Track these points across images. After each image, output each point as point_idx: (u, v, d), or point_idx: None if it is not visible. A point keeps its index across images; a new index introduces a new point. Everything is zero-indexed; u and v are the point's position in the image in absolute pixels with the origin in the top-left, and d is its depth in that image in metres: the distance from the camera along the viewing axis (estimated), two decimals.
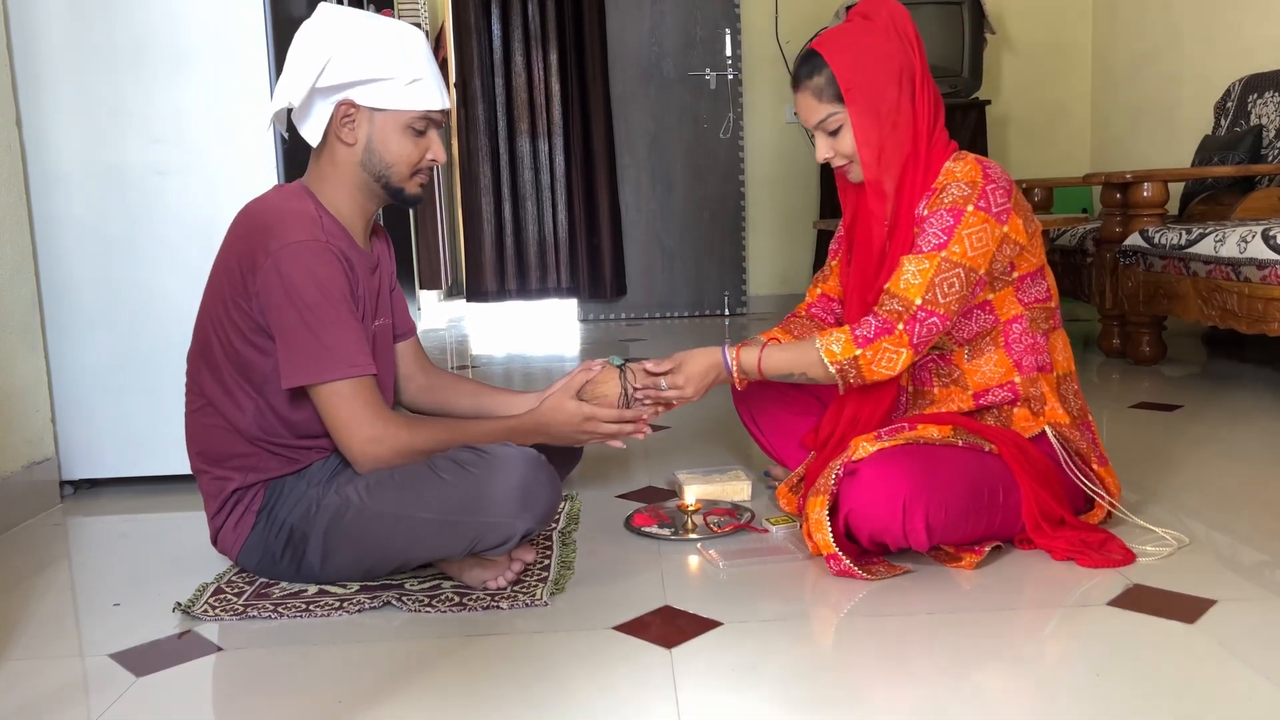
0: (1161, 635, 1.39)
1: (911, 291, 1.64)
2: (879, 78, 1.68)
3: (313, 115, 1.62)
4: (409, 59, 1.60)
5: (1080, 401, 1.81)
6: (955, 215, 1.65)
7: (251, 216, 1.61)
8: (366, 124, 1.61)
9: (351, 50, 1.58)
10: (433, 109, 1.62)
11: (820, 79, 1.70)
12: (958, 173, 1.70)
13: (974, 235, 1.64)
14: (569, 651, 1.43)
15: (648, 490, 2.18)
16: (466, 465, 1.55)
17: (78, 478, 2.34)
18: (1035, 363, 1.74)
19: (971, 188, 1.67)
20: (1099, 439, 1.81)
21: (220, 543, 1.68)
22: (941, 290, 1.63)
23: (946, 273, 1.63)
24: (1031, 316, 1.75)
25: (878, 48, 1.69)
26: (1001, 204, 1.67)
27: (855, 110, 1.69)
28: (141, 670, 1.41)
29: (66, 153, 2.24)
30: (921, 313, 1.63)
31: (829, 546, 1.61)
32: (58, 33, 2.21)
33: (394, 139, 1.62)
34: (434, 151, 1.66)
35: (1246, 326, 2.79)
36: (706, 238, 5.33)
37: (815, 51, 1.71)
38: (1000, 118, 5.23)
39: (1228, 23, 4.12)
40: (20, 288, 2.21)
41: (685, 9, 5.17)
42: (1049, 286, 1.78)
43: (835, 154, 1.75)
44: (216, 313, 1.61)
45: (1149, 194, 3.34)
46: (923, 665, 1.35)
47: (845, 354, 1.65)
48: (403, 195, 1.67)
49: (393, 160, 1.63)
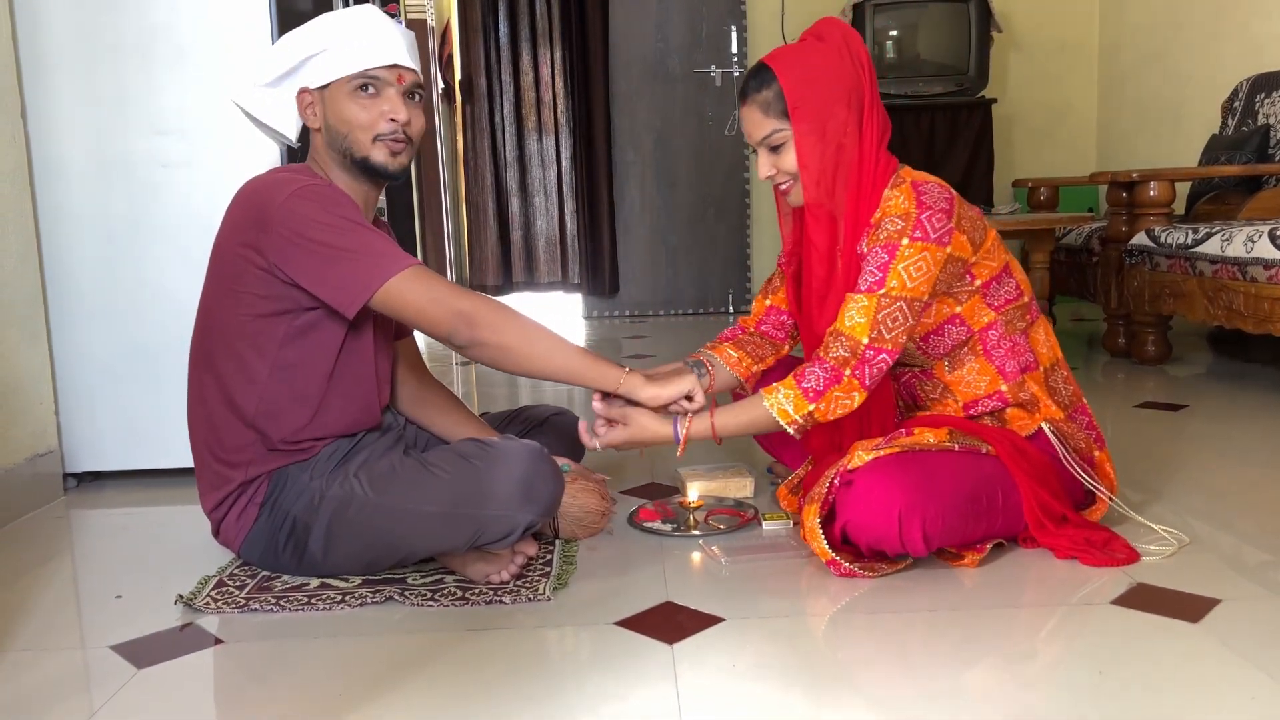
0: (1165, 634, 1.39)
1: (858, 330, 1.62)
2: (828, 97, 1.65)
3: (278, 112, 1.64)
4: (342, 27, 1.59)
5: (1072, 387, 1.80)
6: (890, 251, 1.63)
7: (253, 189, 1.60)
8: (320, 103, 1.62)
9: (288, 40, 1.61)
10: (370, 65, 1.58)
11: (768, 93, 1.67)
12: (892, 205, 1.67)
13: (911, 266, 1.62)
14: (571, 646, 1.43)
15: (651, 486, 2.18)
16: (469, 458, 1.55)
17: (81, 470, 2.34)
18: (1019, 365, 1.73)
19: (905, 220, 1.64)
20: (1095, 422, 1.81)
21: (222, 535, 1.68)
22: (886, 326, 1.62)
23: (888, 308, 1.62)
24: (1006, 319, 1.73)
25: (829, 67, 1.66)
26: (940, 227, 1.64)
27: (800, 128, 1.65)
28: (142, 662, 1.41)
29: (71, 145, 2.24)
30: (869, 351, 1.62)
31: (825, 554, 1.61)
32: (62, 25, 2.21)
33: (344, 107, 1.60)
34: (390, 110, 1.60)
35: (1252, 326, 2.78)
36: (710, 235, 5.33)
37: (765, 65, 1.68)
38: (1006, 116, 5.22)
39: (1235, 22, 4.11)
40: (25, 280, 2.21)
41: (691, 6, 5.16)
42: (1018, 283, 1.75)
43: (777, 171, 1.71)
44: (221, 293, 1.60)
45: (1155, 193, 3.34)
46: (924, 662, 1.35)
47: (799, 411, 1.61)
48: (369, 165, 1.62)
49: (347, 130, 1.60)
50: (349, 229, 1.52)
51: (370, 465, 1.61)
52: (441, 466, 1.56)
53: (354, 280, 1.50)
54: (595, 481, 1.88)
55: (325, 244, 1.50)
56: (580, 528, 1.81)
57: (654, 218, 5.32)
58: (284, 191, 1.53)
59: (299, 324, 1.58)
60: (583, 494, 1.81)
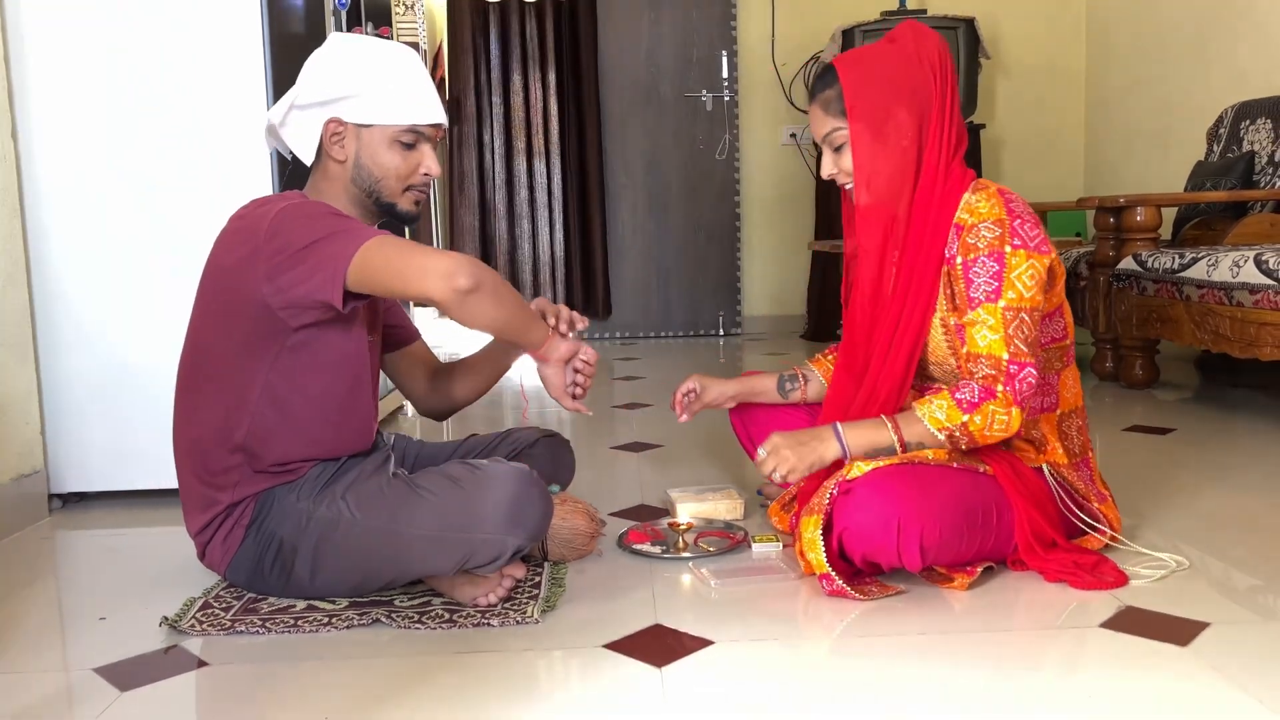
0: (1154, 658, 1.38)
1: (995, 348, 1.62)
2: (886, 98, 1.66)
3: (301, 133, 1.63)
4: (394, 74, 1.60)
5: (1083, 438, 1.79)
6: (998, 259, 1.63)
7: (240, 215, 1.59)
8: (354, 140, 1.61)
9: (333, 67, 1.60)
10: (420, 122, 1.62)
11: (830, 92, 1.70)
12: (983, 209, 1.67)
13: (1025, 275, 1.62)
14: (559, 670, 1.42)
15: (640, 508, 2.17)
16: (458, 481, 1.55)
17: (67, 491, 2.32)
18: (1040, 404, 1.73)
19: (1000, 226, 1.64)
20: (1097, 478, 1.80)
21: (208, 558, 1.67)
22: (1019, 338, 1.62)
23: (1013, 321, 1.62)
24: (1045, 357, 1.73)
25: (892, 69, 1.67)
26: (1035, 235, 1.64)
27: (856, 128, 1.67)
28: (126, 685, 1.40)
29: (61, 165, 2.24)
30: (1013, 366, 1.61)
31: (822, 566, 1.60)
32: (54, 45, 2.21)
33: (381, 153, 1.62)
34: (426, 165, 1.66)
35: (1239, 351, 2.79)
36: (702, 258, 5.34)
37: (831, 66, 1.71)
38: (995, 141, 5.26)
39: (1220, 49, 4.16)
40: (13, 299, 2.20)
41: (682, 31, 5.20)
42: (1065, 325, 1.76)
43: (839, 170, 1.73)
44: (210, 317, 1.59)
45: (1142, 218, 3.36)
46: (914, 686, 1.34)
47: (952, 420, 1.61)
48: (395, 211, 1.66)
49: (381, 175, 1.63)
50: (325, 220, 1.51)
51: (358, 487, 1.60)
52: (430, 489, 1.55)
53: (330, 259, 1.47)
54: (584, 503, 1.87)
55: (305, 245, 1.48)
56: (569, 549, 1.81)
57: (645, 241, 5.34)
58: (271, 212, 1.52)
59: (289, 346, 1.57)
60: (572, 515, 1.80)
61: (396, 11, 5.49)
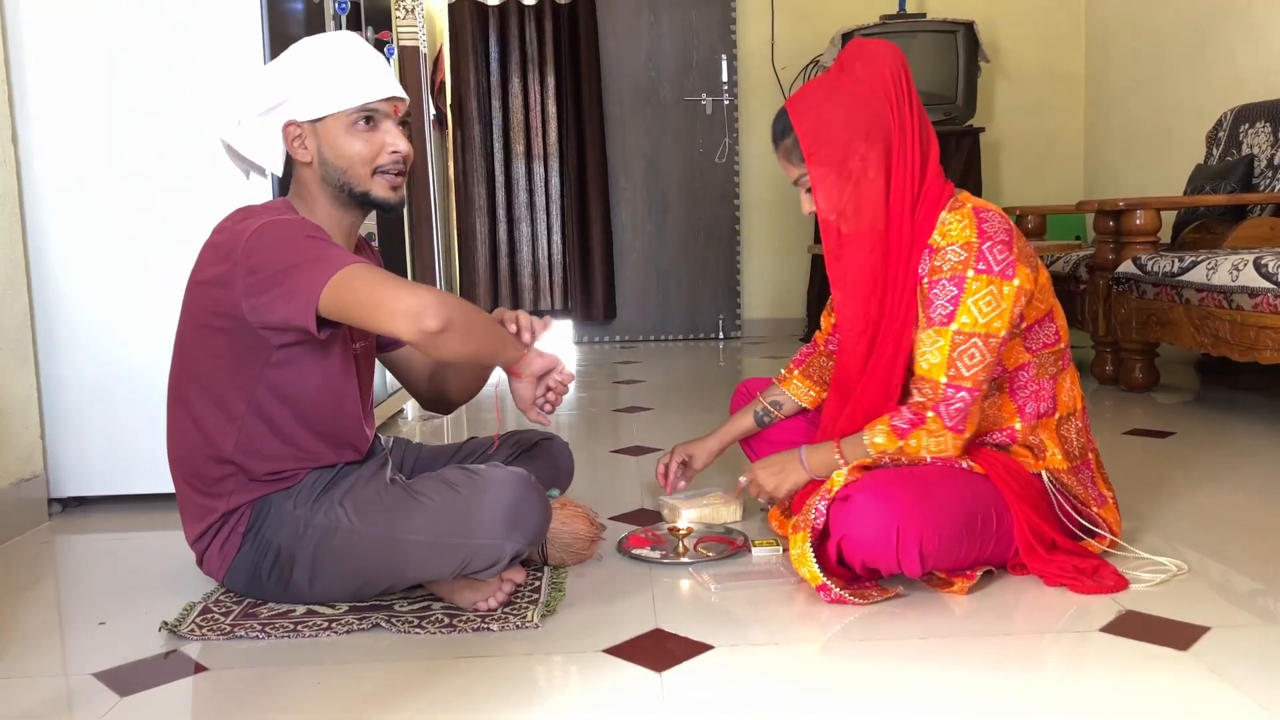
0: (1154, 662, 1.38)
1: (935, 372, 1.63)
2: (843, 136, 1.66)
3: (262, 144, 1.60)
4: (332, 59, 1.57)
5: (1083, 439, 1.78)
6: (958, 284, 1.63)
7: (219, 229, 1.57)
8: (313, 137, 1.59)
9: (273, 72, 1.59)
10: (369, 99, 1.57)
11: (789, 140, 1.72)
12: (954, 231, 1.67)
13: (981, 301, 1.62)
14: (559, 674, 1.42)
15: (639, 512, 2.17)
16: (456, 486, 1.54)
17: (66, 495, 2.32)
18: (1038, 410, 1.73)
19: (967, 250, 1.64)
20: (1098, 479, 1.79)
21: (206, 565, 1.66)
22: (964, 364, 1.62)
23: (962, 345, 1.62)
24: (1039, 362, 1.73)
25: (846, 104, 1.66)
26: (1002, 258, 1.63)
27: (816, 172, 1.68)
28: (125, 690, 1.39)
29: (61, 166, 2.24)
30: (949, 390, 1.62)
31: (817, 579, 1.60)
32: (54, 49, 2.22)
33: (341, 142, 1.58)
34: (391, 143, 1.60)
35: (1238, 354, 2.79)
36: (701, 261, 5.34)
37: (784, 112, 1.72)
38: (994, 144, 5.26)
39: (1220, 53, 4.16)
40: (13, 303, 2.20)
41: (682, 34, 5.21)
42: (1058, 329, 1.75)
43: (816, 209, 1.74)
44: (194, 332, 1.57)
45: (1142, 222, 3.36)
46: (914, 689, 1.34)
47: (889, 445, 1.65)
48: (370, 199, 1.60)
49: (345, 164, 1.58)
50: (299, 245, 1.47)
51: (355, 493, 1.59)
52: (428, 494, 1.55)
53: (303, 289, 1.43)
54: (583, 507, 1.87)
55: (278, 270, 1.45)
56: (569, 554, 1.81)
57: (645, 243, 5.34)
58: (248, 229, 1.49)
59: (273, 363, 1.55)
60: (572, 520, 1.80)
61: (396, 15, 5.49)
